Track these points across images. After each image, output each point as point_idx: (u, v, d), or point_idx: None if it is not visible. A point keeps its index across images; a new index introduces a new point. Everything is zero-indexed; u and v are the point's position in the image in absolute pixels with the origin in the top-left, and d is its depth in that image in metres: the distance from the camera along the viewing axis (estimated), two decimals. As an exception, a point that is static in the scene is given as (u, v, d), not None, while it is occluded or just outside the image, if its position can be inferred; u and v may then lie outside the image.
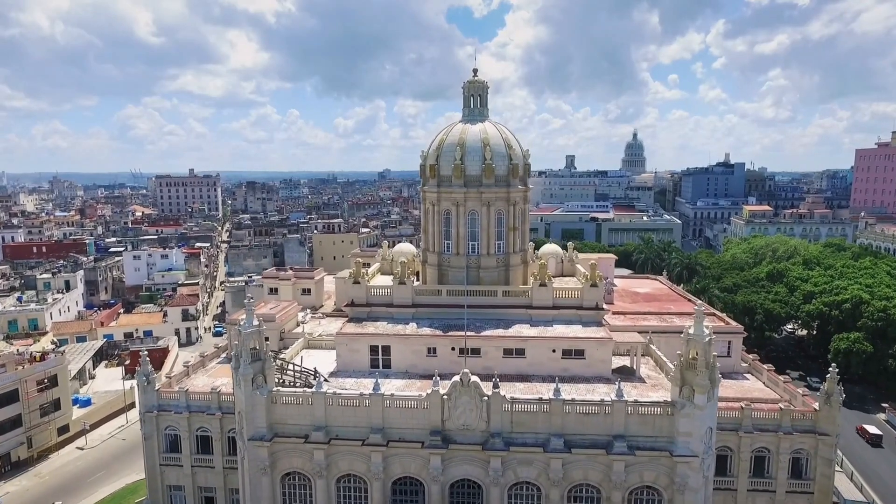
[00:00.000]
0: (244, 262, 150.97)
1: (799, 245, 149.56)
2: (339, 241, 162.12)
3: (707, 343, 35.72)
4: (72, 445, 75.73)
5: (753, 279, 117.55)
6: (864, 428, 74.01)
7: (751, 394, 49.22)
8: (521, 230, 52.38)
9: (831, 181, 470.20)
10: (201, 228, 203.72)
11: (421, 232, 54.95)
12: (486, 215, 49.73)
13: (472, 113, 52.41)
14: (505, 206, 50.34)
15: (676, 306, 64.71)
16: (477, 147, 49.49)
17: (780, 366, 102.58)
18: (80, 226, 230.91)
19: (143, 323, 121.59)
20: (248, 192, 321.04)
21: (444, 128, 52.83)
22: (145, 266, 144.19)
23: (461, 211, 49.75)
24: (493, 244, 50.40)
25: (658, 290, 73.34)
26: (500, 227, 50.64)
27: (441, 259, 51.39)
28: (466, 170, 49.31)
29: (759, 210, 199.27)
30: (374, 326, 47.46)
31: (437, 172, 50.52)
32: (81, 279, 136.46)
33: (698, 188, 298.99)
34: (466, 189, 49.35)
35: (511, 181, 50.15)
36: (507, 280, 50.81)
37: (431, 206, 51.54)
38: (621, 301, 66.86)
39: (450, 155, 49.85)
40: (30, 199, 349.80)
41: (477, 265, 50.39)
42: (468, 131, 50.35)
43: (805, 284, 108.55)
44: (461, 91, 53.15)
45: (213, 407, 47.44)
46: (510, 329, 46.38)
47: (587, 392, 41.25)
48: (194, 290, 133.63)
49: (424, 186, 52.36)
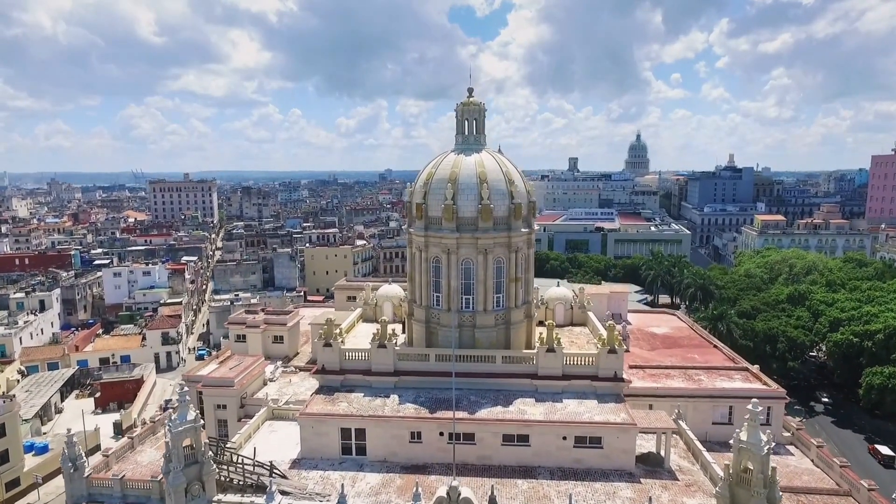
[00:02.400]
0: (231, 278, 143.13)
1: (817, 260, 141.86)
2: (332, 255, 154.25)
3: (765, 455, 27.65)
4: (22, 501, 67.87)
5: (773, 301, 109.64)
6: (876, 448, 73.47)
7: (799, 477, 41.06)
8: (525, 279, 44.27)
9: (839, 184, 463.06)
10: (191, 239, 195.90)
11: (407, 279, 46.88)
12: (482, 264, 41.63)
13: (467, 141, 44.22)
14: (505, 252, 42.20)
15: (701, 354, 56.66)
16: (471, 183, 41.36)
17: (802, 396, 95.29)
18: (69, 234, 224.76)
19: (119, 347, 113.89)
20: (244, 197, 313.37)
21: (434, 158, 44.70)
22: (126, 283, 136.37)
23: (453, 259, 41.65)
24: (490, 298, 42.29)
25: (677, 331, 65.21)
26: (499, 277, 42.52)
27: (429, 314, 43.32)
28: (459, 211, 41.19)
29: (772, 220, 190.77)
30: (347, 401, 39.46)
31: (425, 213, 42.42)
32: (58, 298, 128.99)
33: (705, 193, 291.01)
34: (459, 234, 41.22)
35: (513, 224, 41.99)
36: (507, 341, 42.69)
37: (418, 252, 43.49)
38: (638, 347, 58.89)
39: (439, 192, 41.73)
40: (23, 204, 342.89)
41: (472, 323, 42.29)
42: (461, 164, 42.20)
43: (830, 309, 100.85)
44: (455, 114, 45.01)
45: (155, 498, 39.47)
46: (511, 406, 38.32)
47: (606, 497, 33.24)
48: (177, 311, 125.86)
49: (410, 228, 44.26)
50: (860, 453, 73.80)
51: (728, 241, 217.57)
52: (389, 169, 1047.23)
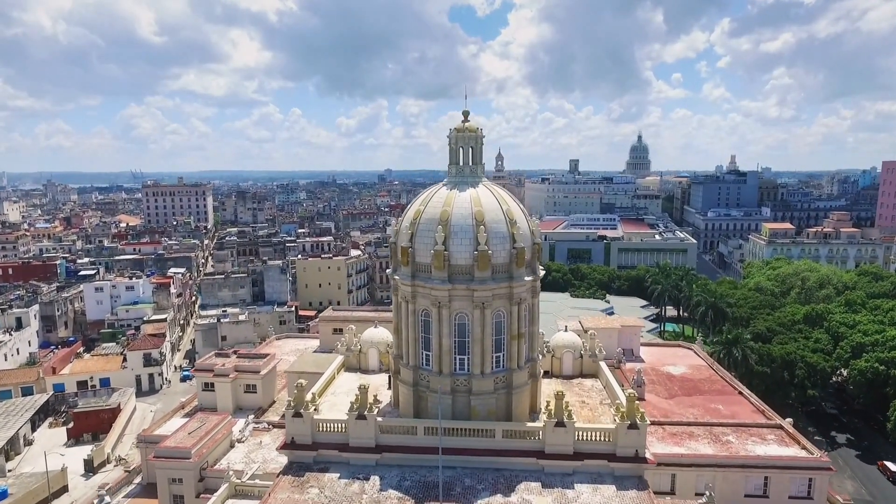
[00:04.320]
0: (219, 292, 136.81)
1: (830, 273, 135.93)
2: (325, 267, 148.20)
3: None
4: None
5: (789, 322, 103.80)
6: (884, 465, 73.35)
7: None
8: (530, 333, 38.08)
9: (843, 186, 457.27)
10: (181, 247, 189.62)
11: (392, 331, 40.61)
12: (479, 320, 35.42)
13: (461, 173, 37.96)
14: (506, 305, 36.01)
15: (726, 404, 50.52)
16: (466, 225, 35.13)
17: (822, 426, 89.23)
18: (58, 240, 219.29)
19: (98, 369, 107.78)
20: (238, 201, 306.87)
21: (422, 193, 38.48)
22: (108, 299, 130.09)
23: (444, 314, 35.45)
24: (489, 359, 36.09)
25: (696, 371, 59.01)
26: (499, 334, 36.34)
27: (418, 376, 37.11)
28: (452, 257, 35.00)
29: (781, 228, 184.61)
30: (319, 485, 33.28)
31: (412, 258, 36.19)
32: (36, 315, 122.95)
33: (709, 197, 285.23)
34: (452, 285, 35.02)
35: (515, 272, 35.78)
36: (508, 409, 36.49)
37: (404, 302, 37.27)
38: (654, 393, 52.74)
39: (428, 235, 35.51)
40: (15, 208, 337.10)
41: (467, 388, 36.11)
42: (454, 202, 35.95)
43: (851, 332, 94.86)
44: (448, 141, 38.77)
45: None
46: (513, 495, 32.16)
47: None
48: (160, 328, 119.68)
49: (395, 273, 37.97)
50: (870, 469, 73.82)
51: (734, 248, 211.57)
52: (389, 169, 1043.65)
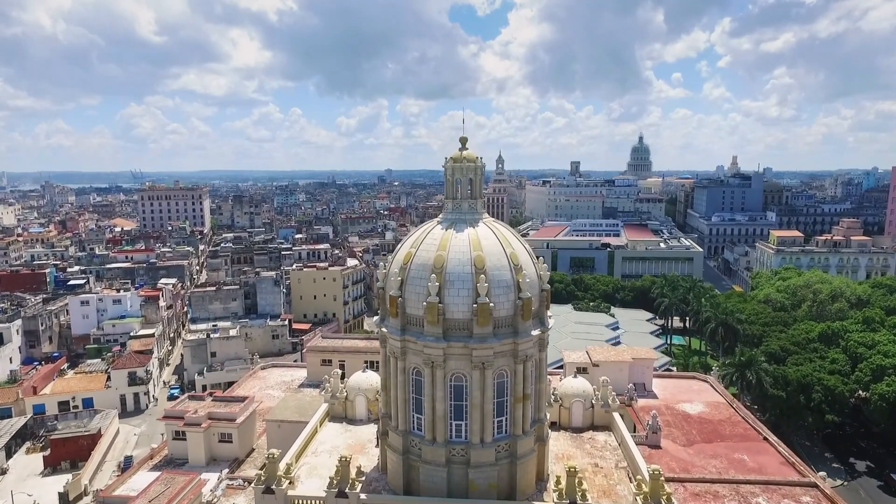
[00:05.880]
0: (210, 305, 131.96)
1: (843, 285, 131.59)
2: (320, 278, 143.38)
3: None
4: None
5: (803, 340, 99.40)
6: (892, 477, 73.49)
7: None
8: (537, 391, 33.36)
9: (847, 188, 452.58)
10: (175, 254, 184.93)
11: (380, 386, 35.86)
12: (478, 382, 30.70)
13: (459, 209, 33.17)
14: (510, 364, 31.29)
15: (751, 453, 45.85)
16: (464, 274, 30.40)
17: (839, 450, 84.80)
18: (50, 246, 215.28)
19: (81, 389, 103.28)
20: (235, 205, 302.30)
21: (414, 232, 33.73)
22: (95, 312, 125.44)
23: (439, 375, 30.75)
24: (489, 426, 31.38)
25: (714, 410, 54.29)
26: (501, 396, 31.63)
27: (408, 443, 32.41)
28: (447, 311, 30.27)
29: (789, 236, 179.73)
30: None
31: (401, 309, 31.46)
32: (19, 330, 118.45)
33: (713, 201, 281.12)
34: (447, 343, 30.27)
35: (520, 325, 31.04)
36: (512, 482, 31.80)
37: (393, 358, 32.56)
38: (670, 438, 48.10)
39: (420, 284, 30.77)
40: (10, 211, 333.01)
41: (465, 459, 31.40)
42: (451, 244, 31.18)
43: (871, 353, 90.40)
44: (444, 172, 34.04)
45: None
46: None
47: None
48: (148, 344, 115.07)
49: (383, 325, 33.18)
50: None
51: (740, 255, 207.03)
52: (390, 169, 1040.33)
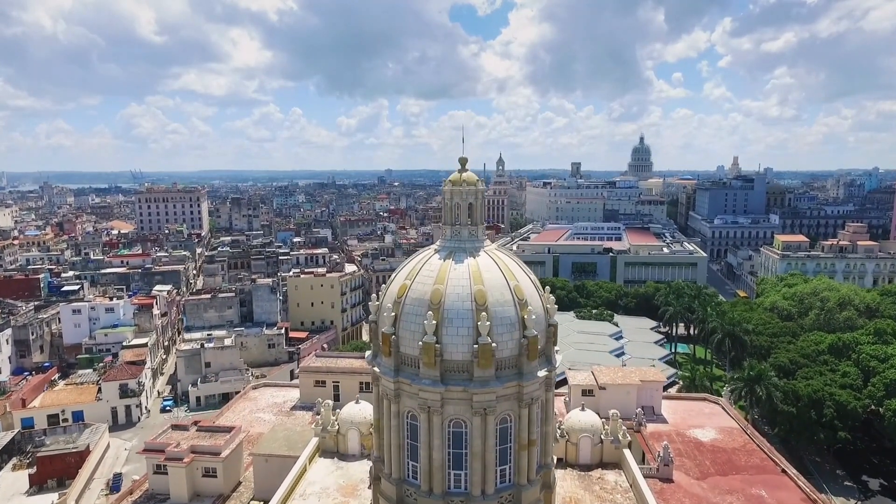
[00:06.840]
0: (205, 313, 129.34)
1: (851, 293, 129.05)
2: (317, 284, 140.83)
3: None
4: None
5: (813, 352, 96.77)
6: None
7: None
8: (544, 434, 30.63)
9: (849, 189, 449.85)
10: (171, 259, 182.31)
11: (372, 429, 33.10)
12: (479, 429, 27.95)
13: (458, 237, 30.39)
14: (514, 408, 28.54)
15: (770, 488, 43.39)
16: (464, 311, 27.64)
17: (851, 466, 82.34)
18: (46, 249, 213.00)
19: (71, 402, 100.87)
20: (233, 208, 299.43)
21: (409, 261, 30.96)
22: (87, 321, 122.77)
23: (436, 422, 28.01)
24: (491, 476, 28.65)
25: (727, 436, 51.63)
26: (504, 442, 28.90)
27: (402, 492, 29.67)
28: (445, 351, 27.52)
29: (794, 241, 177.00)
30: None
31: (395, 347, 28.72)
32: (9, 340, 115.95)
33: (715, 204, 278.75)
34: (445, 387, 27.50)
35: (525, 366, 28.28)
36: (516, 537, 29.12)
37: (386, 400, 29.83)
38: (682, 470, 45.41)
39: (415, 321, 28.02)
40: (7, 212, 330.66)
41: (464, 512, 28.73)
42: (449, 277, 28.42)
43: (884, 367, 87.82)
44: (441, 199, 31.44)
45: None
46: None
47: None
48: (140, 354, 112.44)
49: (375, 363, 30.43)
50: None
51: (744, 259, 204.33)
52: (390, 169, 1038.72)
